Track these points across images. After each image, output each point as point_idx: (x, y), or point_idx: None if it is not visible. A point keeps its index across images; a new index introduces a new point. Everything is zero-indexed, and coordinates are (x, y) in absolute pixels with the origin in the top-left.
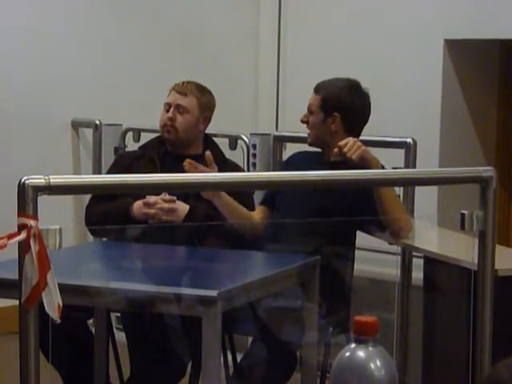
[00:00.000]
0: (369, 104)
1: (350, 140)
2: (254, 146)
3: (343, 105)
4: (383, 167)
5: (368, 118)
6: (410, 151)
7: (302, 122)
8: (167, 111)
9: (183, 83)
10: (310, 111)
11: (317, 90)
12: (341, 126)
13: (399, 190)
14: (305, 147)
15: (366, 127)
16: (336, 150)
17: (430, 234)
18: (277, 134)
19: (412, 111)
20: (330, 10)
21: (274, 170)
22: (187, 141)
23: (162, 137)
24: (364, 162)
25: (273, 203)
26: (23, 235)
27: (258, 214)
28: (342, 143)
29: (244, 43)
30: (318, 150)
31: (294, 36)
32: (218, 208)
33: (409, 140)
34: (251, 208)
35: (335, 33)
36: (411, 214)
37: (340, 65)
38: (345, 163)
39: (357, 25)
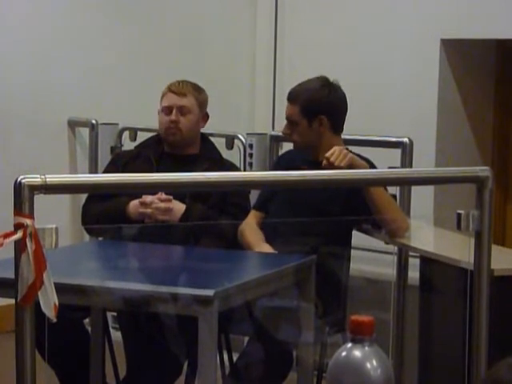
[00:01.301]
0: (344, 96)
1: (336, 149)
2: (251, 146)
3: (325, 105)
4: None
5: (347, 110)
6: (406, 151)
7: (285, 134)
8: (167, 114)
9: (179, 83)
10: (292, 121)
11: (292, 99)
12: (328, 125)
13: (396, 190)
14: None
15: (362, 127)
16: (324, 161)
17: (427, 234)
18: (273, 133)
19: (408, 111)
20: (326, 10)
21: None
22: (190, 141)
23: (165, 139)
24: (353, 169)
25: (266, 209)
26: (19, 234)
27: (250, 219)
28: (328, 154)
29: (241, 43)
30: None
31: (290, 36)
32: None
33: (405, 140)
34: (247, 208)
35: (332, 33)
36: (407, 214)
37: (336, 65)
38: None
39: (354, 25)
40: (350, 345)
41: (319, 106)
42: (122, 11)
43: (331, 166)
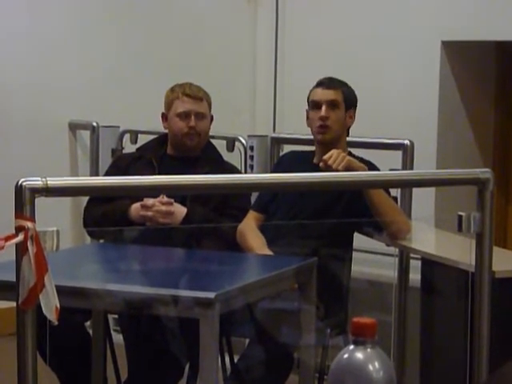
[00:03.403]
0: None
1: (334, 152)
2: (252, 148)
3: (356, 101)
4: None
5: None
6: (407, 153)
7: (325, 118)
8: (184, 120)
9: (190, 87)
10: (334, 105)
11: (333, 85)
12: (352, 121)
13: (397, 192)
14: (302, 149)
15: (363, 129)
16: (321, 164)
17: (428, 236)
18: (274, 135)
19: (409, 113)
20: (327, 12)
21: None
22: (204, 143)
23: (181, 144)
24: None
25: (266, 211)
26: (20, 237)
27: (251, 221)
28: (326, 156)
29: (241, 45)
30: (307, 149)
31: (291, 38)
32: None
33: (406, 142)
34: (248, 210)
35: (332, 35)
36: (408, 216)
37: (337, 67)
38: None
39: (354, 27)
40: (351, 347)
41: (354, 99)
42: (122, 14)
43: (329, 169)
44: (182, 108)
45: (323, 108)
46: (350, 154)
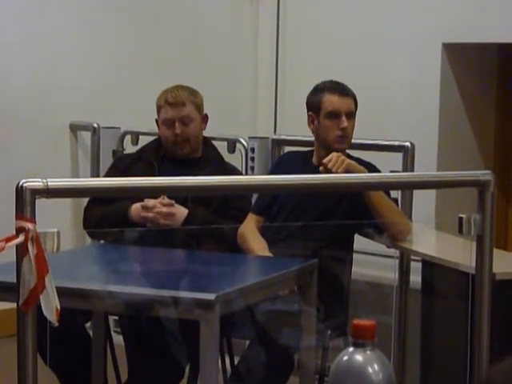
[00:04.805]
0: None
1: (334, 155)
2: (253, 150)
3: None
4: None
5: None
6: (408, 155)
7: (346, 128)
8: (169, 128)
9: (173, 92)
10: (351, 114)
11: (347, 93)
12: None
13: (397, 194)
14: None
15: (363, 131)
16: (321, 168)
17: (428, 238)
18: (275, 137)
19: (410, 115)
20: (328, 14)
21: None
22: (197, 147)
23: (172, 152)
24: None
25: (266, 214)
26: (21, 238)
27: (251, 224)
28: (325, 160)
29: (243, 47)
30: (305, 150)
31: (292, 40)
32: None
33: (407, 144)
34: (249, 211)
35: (334, 37)
36: (409, 218)
37: (338, 69)
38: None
39: (355, 29)
40: (351, 349)
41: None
42: (124, 15)
43: (329, 173)
44: (165, 115)
45: (344, 118)
46: (347, 155)
